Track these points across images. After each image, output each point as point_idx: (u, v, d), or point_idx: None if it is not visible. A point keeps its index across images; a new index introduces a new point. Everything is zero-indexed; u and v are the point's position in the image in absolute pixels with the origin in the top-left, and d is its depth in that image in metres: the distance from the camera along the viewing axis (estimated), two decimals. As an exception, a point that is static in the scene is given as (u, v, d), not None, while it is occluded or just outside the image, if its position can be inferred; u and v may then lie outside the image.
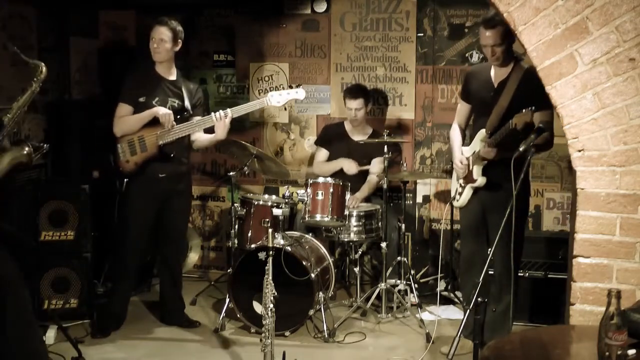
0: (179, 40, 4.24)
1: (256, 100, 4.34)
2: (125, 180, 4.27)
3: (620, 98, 2.74)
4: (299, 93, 4.25)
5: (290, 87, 4.28)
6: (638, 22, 2.69)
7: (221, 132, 4.19)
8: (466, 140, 4.12)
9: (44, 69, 3.52)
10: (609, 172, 2.80)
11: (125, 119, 4.17)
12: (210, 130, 4.29)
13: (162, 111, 4.11)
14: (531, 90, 3.44)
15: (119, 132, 4.18)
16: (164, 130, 4.12)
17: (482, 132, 3.81)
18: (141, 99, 4.17)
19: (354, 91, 5.13)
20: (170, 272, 4.50)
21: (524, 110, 3.37)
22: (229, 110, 4.17)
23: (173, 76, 4.30)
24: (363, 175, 5.12)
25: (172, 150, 4.21)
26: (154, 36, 4.18)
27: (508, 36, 3.64)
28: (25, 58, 3.53)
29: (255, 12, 5.70)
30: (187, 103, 4.26)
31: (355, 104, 5.05)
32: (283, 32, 5.67)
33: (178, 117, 4.19)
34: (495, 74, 3.86)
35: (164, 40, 4.17)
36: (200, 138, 4.37)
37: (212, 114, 4.19)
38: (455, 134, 4.10)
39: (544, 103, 3.56)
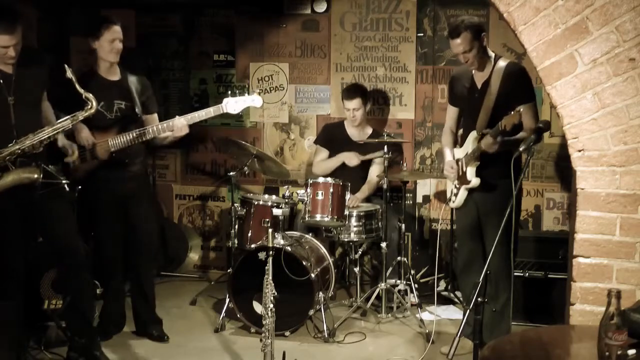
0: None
1: (212, 107, 4.14)
2: (79, 187, 4.03)
3: (620, 98, 2.74)
4: (256, 101, 4.11)
5: (247, 93, 4.19)
6: (638, 22, 2.69)
7: (179, 135, 4.07)
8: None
9: (95, 104, 3.49)
10: (609, 172, 2.79)
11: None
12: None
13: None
14: (513, 87, 3.69)
15: None
16: (116, 137, 3.95)
17: (474, 133, 3.85)
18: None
19: (351, 91, 5.13)
20: (140, 286, 4.26)
21: (512, 112, 3.43)
22: (183, 119, 4.02)
23: (116, 76, 4.07)
24: (363, 176, 5.12)
25: (125, 157, 4.04)
26: (113, 37, 3.95)
27: (475, 41, 3.72)
28: (79, 88, 3.46)
29: (255, 12, 5.70)
30: (137, 105, 4.07)
31: (353, 104, 5.04)
32: (283, 32, 5.67)
33: (127, 118, 4.03)
34: (477, 75, 3.92)
35: (121, 39, 4.00)
36: (159, 137, 4.14)
37: (171, 121, 4.02)
38: (447, 138, 4.15)
39: (527, 97, 3.63)
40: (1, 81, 3.45)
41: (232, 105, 4.08)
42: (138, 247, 4.24)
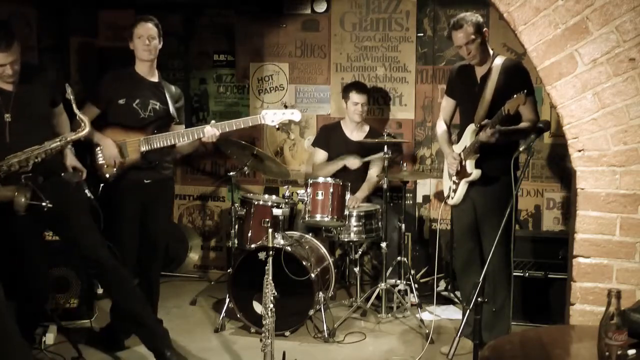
0: (161, 38, 4.08)
1: (249, 117, 4.17)
2: (102, 185, 3.97)
3: (620, 98, 2.74)
4: (295, 114, 4.10)
5: (285, 106, 4.19)
6: (638, 22, 2.69)
7: (206, 142, 4.08)
8: (453, 137, 4.18)
9: (87, 127, 3.45)
10: (609, 172, 2.80)
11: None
12: None
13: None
14: (512, 81, 3.72)
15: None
16: (148, 137, 3.94)
17: (472, 126, 3.86)
18: (120, 101, 3.94)
19: (361, 85, 5.19)
20: (149, 287, 4.20)
21: (515, 96, 3.44)
22: (217, 131, 4.00)
23: (155, 78, 4.07)
24: (363, 175, 5.12)
25: (155, 158, 4.01)
26: (142, 34, 3.94)
27: (477, 33, 3.77)
28: (76, 110, 3.43)
29: (255, 12, 5.70)
30: (171, 108, 4.07)
31: (363, 98, 5.09)
32: (283, 32, 5.67)
33: (160, 121, 4.02)
34: (477, 70, 3.95)
35: (153, 37, 3.98)
36: (183, 144, 4.15)
37: (203, 128, 4.01)
38: (442, 131, 4.16)
39: (526, 90, 3.66)
40: None
41: (270, 116, 4.07)
42: (151, 249, 4.19)
